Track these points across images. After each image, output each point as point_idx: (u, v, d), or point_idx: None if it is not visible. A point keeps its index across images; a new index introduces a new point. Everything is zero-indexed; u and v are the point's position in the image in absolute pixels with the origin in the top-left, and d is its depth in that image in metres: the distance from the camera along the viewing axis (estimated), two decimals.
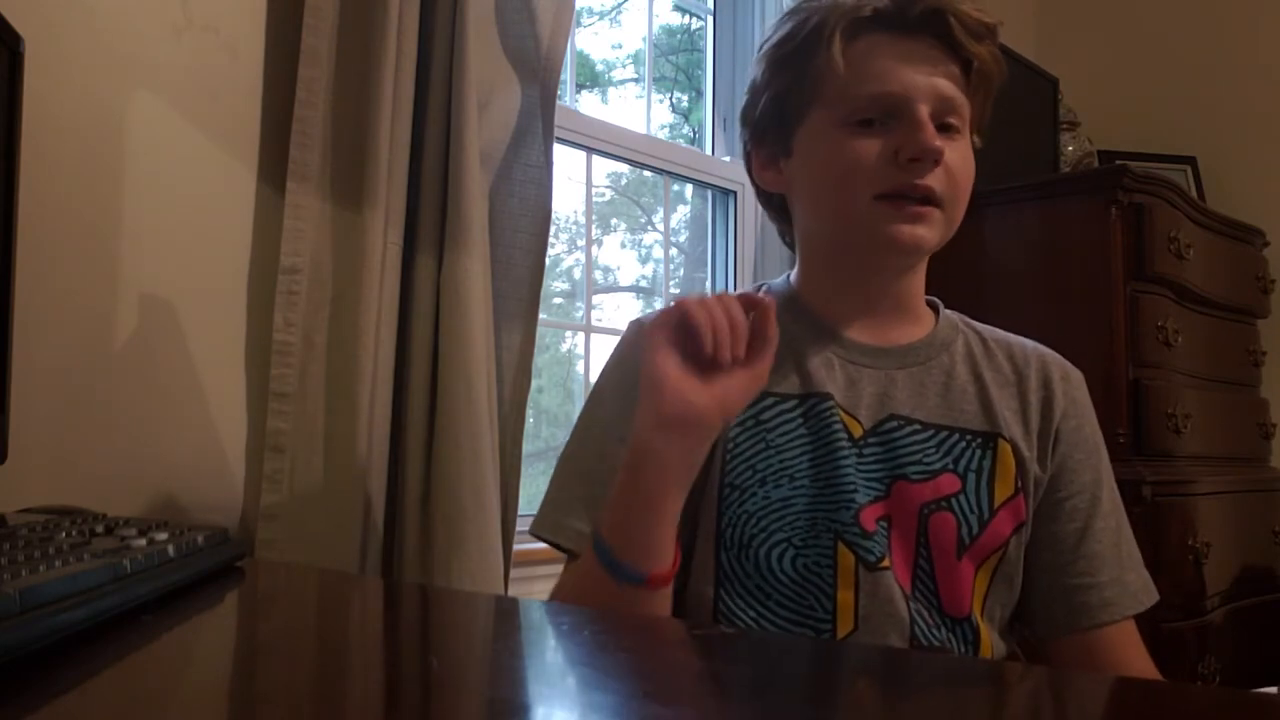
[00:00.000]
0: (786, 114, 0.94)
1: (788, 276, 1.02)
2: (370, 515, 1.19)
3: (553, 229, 1.37)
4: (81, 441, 1.06)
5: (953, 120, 0.89)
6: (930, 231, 0.88)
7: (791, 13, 0.95)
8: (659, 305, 2.08)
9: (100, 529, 0.71)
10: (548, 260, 1.38)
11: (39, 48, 0.96)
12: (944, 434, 0.90)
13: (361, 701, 0.47)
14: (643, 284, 2.16)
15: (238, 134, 1.20)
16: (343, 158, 1.21)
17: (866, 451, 0.90)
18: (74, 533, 0.68)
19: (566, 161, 1.80)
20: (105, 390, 1.08)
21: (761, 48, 0.98)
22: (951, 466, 0.89)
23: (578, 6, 1.57)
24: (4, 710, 0.41)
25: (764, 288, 1.02)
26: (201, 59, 1.16)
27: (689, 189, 2.15)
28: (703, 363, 0.78)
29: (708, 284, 2.10)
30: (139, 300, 1.11)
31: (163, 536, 0.69)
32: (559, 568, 0.95)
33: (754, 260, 2.06)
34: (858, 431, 0.90)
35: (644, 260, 2.19)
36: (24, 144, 0.87)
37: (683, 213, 2.24)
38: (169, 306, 1.14)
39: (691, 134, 2.25)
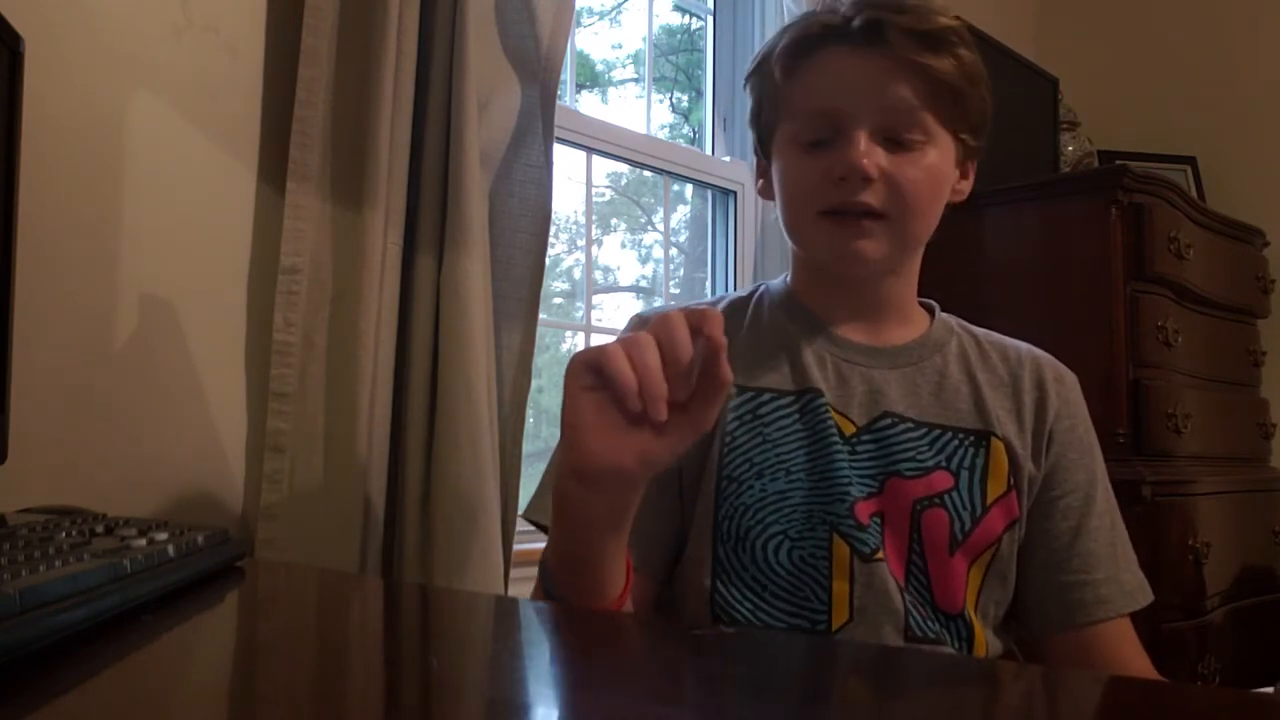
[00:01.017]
0: (762, 130, 0.97)
1: (785, 276, 1.03)
2: (370, 515, 1.19)
3: (553, 229, 1.37)
4: (81, 441, 1.06)
5: (907, 133, 0.88)
6: (874, 244, 0.88)
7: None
8: (659, 304, 2.08)
9: (100, 529, 0.71)
10: (548, 260, 1.38)
11: (39, 48, 0.96)
12: (937, 432, 0.91)
13: (361, 701, 0.47)
14: (643, 284, 2.16)
15: (238, 134, 1.20)
16: (343, 158, 1.21)
17: (860, 449, 0.90)
18: (74, 533, 0.68)
19: (566, 161, 1.80)
20: (105, 390, 1.08)
21: (753, 66, 0.99)
22: (944, 464, 0.90)
23: (578, 6, 1.57)
24: (4, 710, 0.41)
25: (763, 288, 1.03)
26: (201, 59, 1.16)
27: (689, 189, 2.15)
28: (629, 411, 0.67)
29: (708, 284, 2.10)
30: (139, 300, 1.11)
31: (163, 536, 0.69)
32: None
33: (754, 260, 2.06)
34: (849, 430, 0.91)
35: (644, 260, 2.19)
36: (24, 144, 0.87)
37: (683, 213, 2.24)
38: (169, 306, 1.14)
39: (691, 134, 2.25)
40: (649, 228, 2.17)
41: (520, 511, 0.96)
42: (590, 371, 0.67)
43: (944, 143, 0.90)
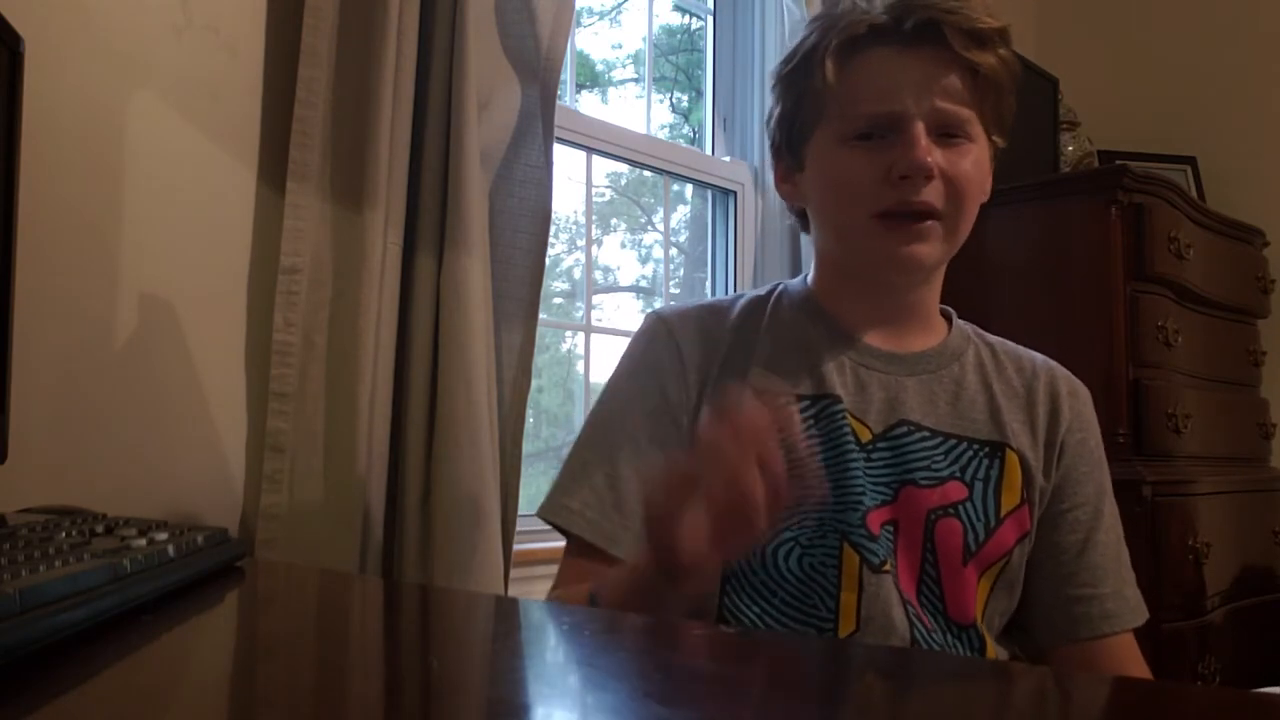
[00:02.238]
0: (795, 131, 0.95)
1: (805, 277, 1.02)
2: (370, 515, 1.19)
3: (553, 229, 1.37)
4: (81, 442, 1.06)
5: (957, 130, 0.88)
6: (930, 248, 0.88)
7: (806, 27, 0.95)
8: (659, 304, 2.08)
9: (100, 529, 0.71)
10: (548, 260, 1.38)
11: (39, 48, 0.96)
12: (952, 442, 0.91)
13: (361, 702, 0.47)
14: (643, 284, 2.16)
15: (238, 134, 1.20)
16: (343, 158, 1.21)
17: (875, 456, 0.90)
18: (74, 533, 0.68)
19: (566, 161, 1.80)
20: (105, 390, 1.08)
21: (782, 65, 0.98)
22: (959, 474, 0.89)
23: (578, 6, 1.57)
24: (4, 710, 0.41)
25: (781, 287, 1.02)
26: (201, 59, 1.16)
27: (689, 189, 2.15)
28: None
29: (708, 284, 2.10)
30: (139, 300, 1.11)
31: (163, 536, 0.69)
32: (558, 567, 0.95)
33: (754, 260, 2.06)
34: (866, 436, 0.90)
35: (644, 260, 2.19)
36: (24, 144, 0.87)
37: (683, 213, 2.24)
38: (169, 307, 1.14)
39: (691, 134, 2.25)
40: (649, 228, 2.17)
41: (535, 511, 0.95)
42: (685, 487, 0.69)
43: (982, 142, 0.91)
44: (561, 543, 0.96)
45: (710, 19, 2.15)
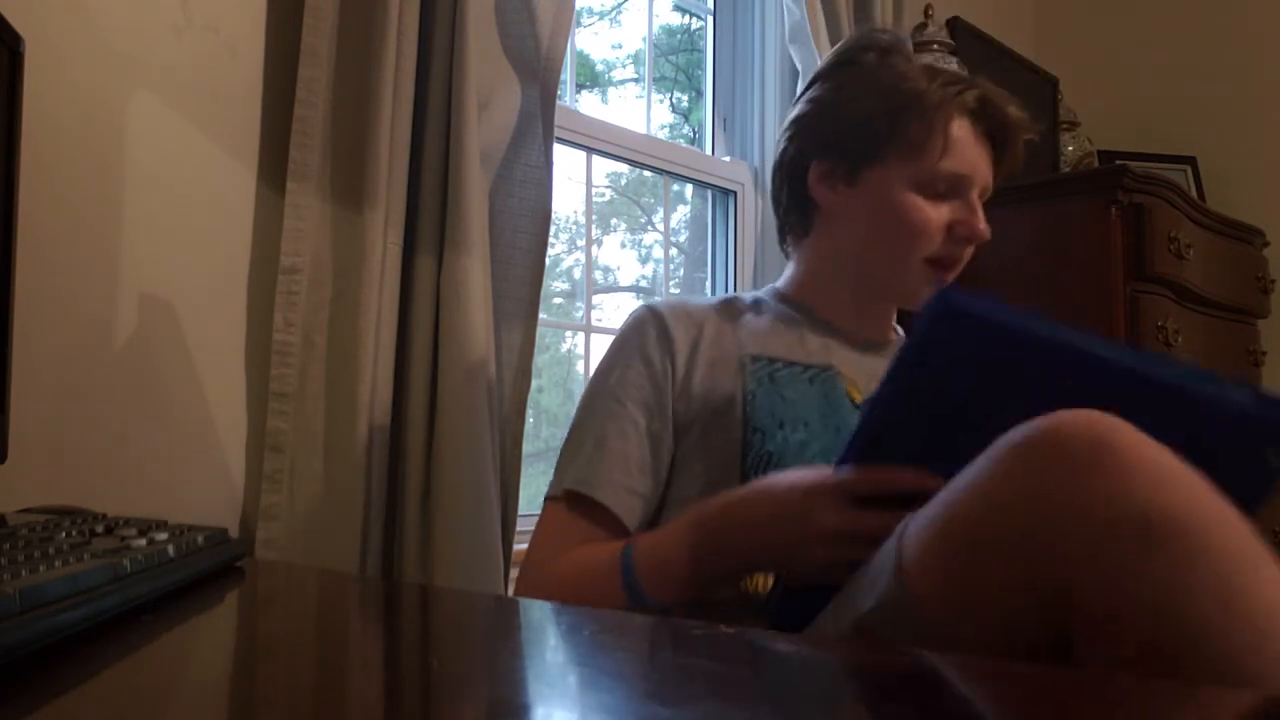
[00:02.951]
0: (864, 147, 1.05)
1: (770, 288, 1.15)
2: (370, 515, 1.19)
3: (553, 229, 1.37)
4: (81, 441, 1.06)
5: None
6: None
7: (902, 53, 1.09)
8: (657, 298, 2.08)
9: (100, 529, 0.71)
10: (548, 260, 1.38)
11: (39, 48, 0.96)
12: None
13: (361, 702, 0.47)
14: (643, 284, 2.16)
15: (238, 134, 1.20)
16: (343, 158, 1.21)
17: (856, 410, 1.02)
18: (74, 533, 0.68)
19: (566, 161, 1.80)
20: (105, 390, 1.08)
21: (854, 69, 1.09)
22: None
23: (578, 6, 1.57)
24: (4, 710, 0.41)
25: (758, 299, 1.13)
26: (201, 59, 1.16)
27: (689, 189, 2.15)
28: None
29: (708, 284, 2.10)
30: (139, 300, 1.11)
31: (163, 536, 0.69)
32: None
33: (754, 260, 2.06)
34: (857, 398, 1.03)
35: (644, 260, 2.19)
36: (24, 144, 0.87)
37: (683, 213, 2.23)
38: (169, 306, 1.14)
39: (691, 134, 2.25)
40: (649, 228, 2.17)
41: (566, 486, 1.01)
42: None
43: None
44: None
45: (710, 19, 2.15)
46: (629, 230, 2.16)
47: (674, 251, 2.18)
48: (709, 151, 2.10)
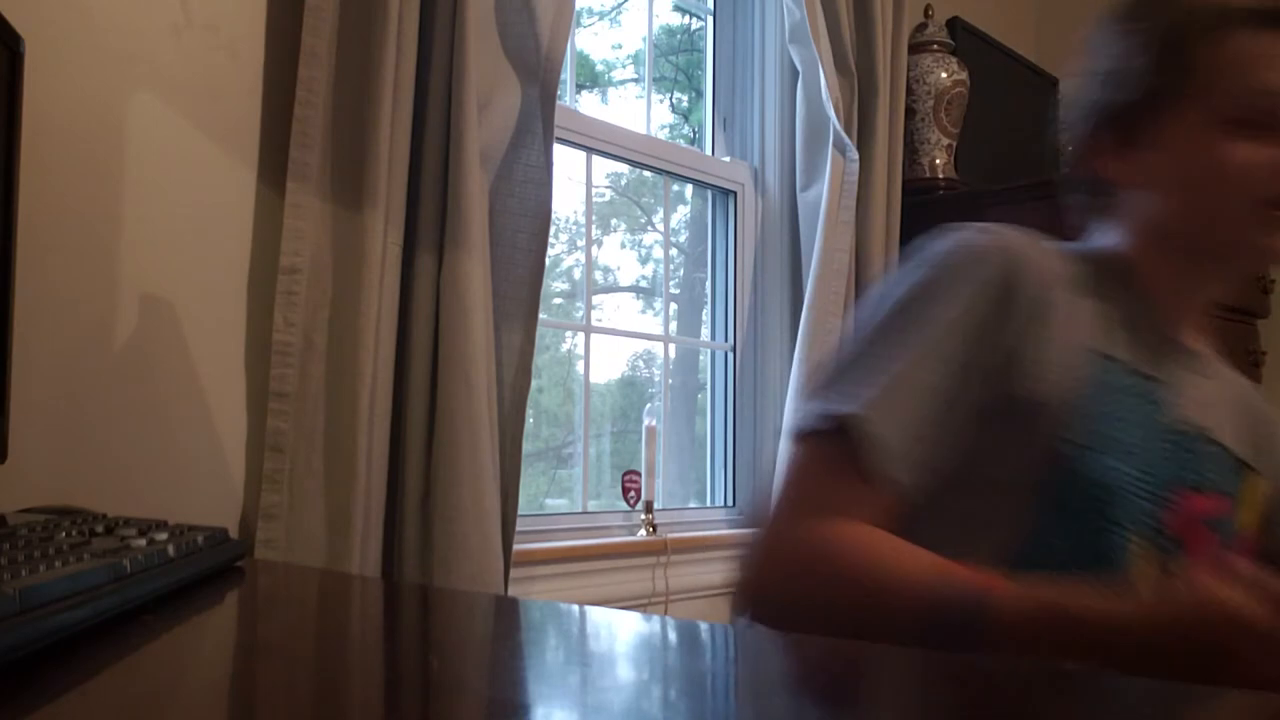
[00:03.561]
0: (1151, 103, 0.88)
1: (1114, 244, 0.95)
2: (370, 515, 1.19)
3: (553, 229, 1.37)
4: (81, 441, 1.06)
5: None
6: None
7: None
8: (659, 305, 2.08)
9: (100, 529, 0.71)
10: (548, 260, 1.38)
11: (39, 48, 0.96)
12: (1220, 449, 0.88)
13: (361, 701, 0.47)
14: (643, 284, 2.16)
15: (238, 134, 1.20)
16: (343, 158, 1.21)
17: (1184, 448, 0.85)
18: (74, 533, 0.68)
19: (566, 161, 1.80)
20: (105, 390, 1.08)
21: (1124, 25, 0.92)
22: (1226, 488, 0.86)
23: (578, 6, 1.57)
24: (4, 710, 0.41)
25: (1092, 245, 0.95)
26: (201, 59, 1.16)
27: (689, 189, 2.15)
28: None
29: (708, 284, 2.10)
30: (139, 300, 1.11)
31: (163, 536, 0.69)
32: (558, 567, 0.95)
33: (754, 260, 2.06)
34: (1174, 424, 0.86)
35: (644, 260, 2.19)
36: (24, 144, 0.87)
37: (683, 213, 2.24)
38: (169, 307, 1.14)
39: (691, 134, 2.25)
40: (649, 228, 2.17)
41: (853, 412, 0.77)
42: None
43: None
44: (556, 537, 0.95)
45: (710, 19, 2.15)
46: (629, 230, 2.16)
47: (674, 251, 2.18)
48: (709, 152, 2.10)
